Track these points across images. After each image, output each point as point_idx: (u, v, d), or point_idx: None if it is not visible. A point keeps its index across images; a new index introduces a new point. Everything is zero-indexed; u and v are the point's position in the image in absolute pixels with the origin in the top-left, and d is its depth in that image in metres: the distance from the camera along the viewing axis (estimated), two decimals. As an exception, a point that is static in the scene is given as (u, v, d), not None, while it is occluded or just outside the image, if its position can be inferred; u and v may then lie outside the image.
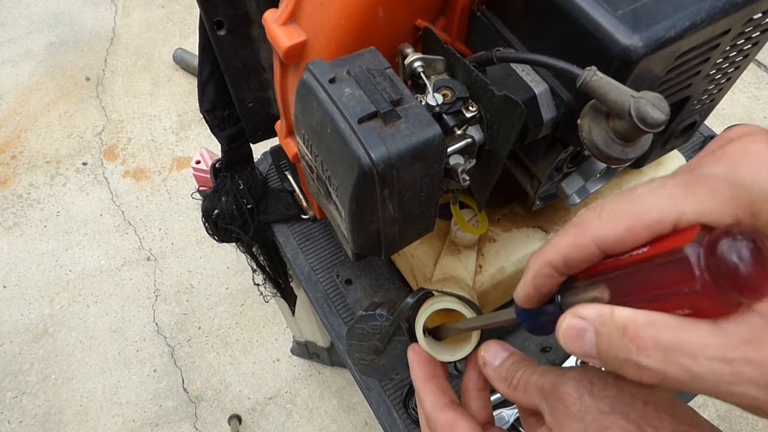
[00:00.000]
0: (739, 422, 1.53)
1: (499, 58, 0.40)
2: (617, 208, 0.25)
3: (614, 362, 0.23)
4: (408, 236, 0.45)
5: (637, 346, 0.22)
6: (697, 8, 0.35)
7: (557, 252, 0.27)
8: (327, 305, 0.73)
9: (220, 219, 0.76)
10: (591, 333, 0.24)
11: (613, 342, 0.23)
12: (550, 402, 0.30)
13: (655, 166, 0.64)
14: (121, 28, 2.42)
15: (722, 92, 0.50)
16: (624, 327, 0.22)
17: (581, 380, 0.29)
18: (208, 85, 0.63)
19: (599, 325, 0.24)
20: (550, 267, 0.27)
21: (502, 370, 0.36)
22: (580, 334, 0.24)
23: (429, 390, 0.39)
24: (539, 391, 0.32)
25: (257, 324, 1.69)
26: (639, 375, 0.22)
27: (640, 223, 0.24)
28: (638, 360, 0.22)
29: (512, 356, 0.37)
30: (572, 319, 0.25)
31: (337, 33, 0.41)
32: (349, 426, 1.54)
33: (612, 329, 0.23)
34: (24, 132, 2.10)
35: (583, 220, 0.26)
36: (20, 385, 1.60)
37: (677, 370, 0.21)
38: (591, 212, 0.26)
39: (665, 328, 0.22)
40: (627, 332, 0.22)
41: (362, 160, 0.34)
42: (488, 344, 0.39)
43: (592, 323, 0.24)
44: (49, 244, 1.83)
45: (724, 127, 0.83)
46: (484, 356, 0.38)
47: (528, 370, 0.34)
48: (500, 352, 0.38)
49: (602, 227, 0.25)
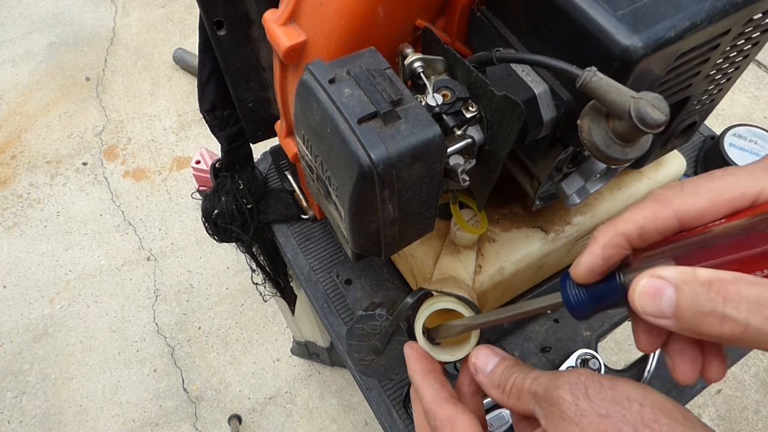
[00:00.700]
0: (739, 422, 1.53)
1: (499, 59, 0.40)
2: (699, 185, 0.28)
3: (695, 316, 0.24)
4: (408, 236, 0.45)
5: (723, 297, 0.23)
6: (697, 9, 0.35)
7: (633, 223, 0.28)
8: (327, 305, 0.73)
9: (220, 219, 0.76)
10: (670, 290, 0.25)
11: (697, 296, 0.24)
12: (545, 407, 0.31)
13: (655, 166, 0.64)
14: (121, 28, 2.42)
15: (722, 92, 0.50)
16: (709, 282, 0.24)
17: (576, 384, 0.29)
18: (208, 85, 0.63)
19: (681, 282, 0.24)
20: (622, 238, 0.29)
21: (495, 377, 0.36)
22: (658, 292, 0.25)
23: (428, 384, 0.38)
24: (533, 397, 0.32)
25: (257, 324, 1.69)
26: (721, 328, 0.23)
27: (722, 197, 0.27)
28: (724, 311, 0.23)
29: (503, 361, 0.37)
30: (650, 279, 0.26)
31: (337, 33, 0.41)
32: (349, 426, 1.54)
33: (696, 285, 0.24)
34: (24, 132, 2.10)
35: (664, 196, 0.29)
36: (20, 385, 1.60)
37: (761, 320, 0.22)
38: (671, 189, 0.29)
39: (748, 283, 0.23)
40: (713, 286, 0.24)
41: (362, 160, 0.34)
42: (479, 350, 0.39)
43: (673, 281, 0.25)
44: (49, 244, 1.84)
45: (724, 127, 0.83)
46: (476, 363, 0.38)
47: (520, 375, 0.34)
48: (491, 357, 0.38)
49: (685, 201, 0.27)
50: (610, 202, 0.62)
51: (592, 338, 0.71)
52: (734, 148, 0.81)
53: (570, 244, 0.62)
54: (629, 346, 1.63)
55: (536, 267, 0.62)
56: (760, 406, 1.55)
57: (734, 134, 0.83)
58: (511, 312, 0.38)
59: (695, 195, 0.27)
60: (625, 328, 1.63)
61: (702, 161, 0.87)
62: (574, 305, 0.32)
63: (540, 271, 0.65)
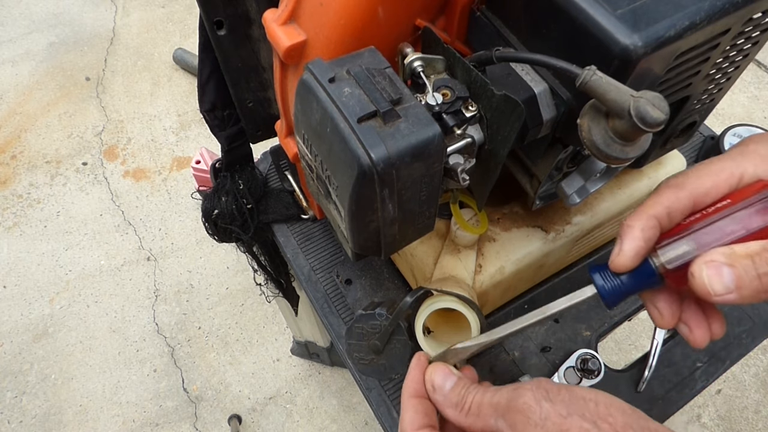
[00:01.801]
0: (739, 422, 1.53)
1: (499, 58, 0.40)
2: (700, 170, 0.34)
3: (752, 283, 0.29)
4: (408, 236, 0.45)
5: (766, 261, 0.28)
6: (697, 8, 0.35)
7: (661, 206, 0.33)
8: (327, 305, 0.73)
9: (220, 219, 0.76)
10: (727, 270, 0.29)
11: (748, 266, 0.29)
12: (509, 417, 0.32)
13: (655, 165, 0.64)
14: (121, 28, 2.42)
15: (722, 92, 0.50)
16: (750, 254, 0.29)
17: (537, 390, 0.32)
18: (208, 85, 0.63)
19: (732, 260, 0.29)
20: (655, 219, 0.33)
21: (453, 395, 0.37)
22: (718, 271, 0.29)
23: (412, 406, 0.39)
24: (494, 410, 0.34)
25: (257, 324, 1.69)
26: None
27: (719, 178, 0.33)
28: None
29: (462, 380, 0.37)
30: (707, 263, 0.29)
31: (337, 33, 0.41)
32: (349, 426, 1.54)
33: (743, 259, 0.29)
34: (24, 132, 2.10)
35: (677, 181, 0.34)
36: (20, 385, 1.60)
37: None
38: (680, 176, 0.34)
39: None
40: (758, 256, 0.29)
41: (362, 159, 0.34)
42: (436, 367, 0.39)
43: (726, 261, 0.29)
44: (49, 244, 1.84)
45: (724, 127, 0.83)
46: (434, 380, 0.38)
47: (479, 391, 0.36)
48: (449, 376, 0.38)
49: (695, 182, 0.33)
50: (610, 202, 0.62)
51: (592, 338, 0.71)
52: (734, 148, 0.81)
53: (570, 244, 0.62)
54: (629, 346, 1.63)
55: (536, 266, 0.62)
56: (760, 406, 1.55)
57: (734, 134, 0.83)
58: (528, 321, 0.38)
59: (700, 178, 0.33)
60: (625, 328, 1.64)
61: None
62: (610, 295, 0.35)
63: (540, 271, 0.65)
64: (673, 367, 0.67)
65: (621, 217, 0.65)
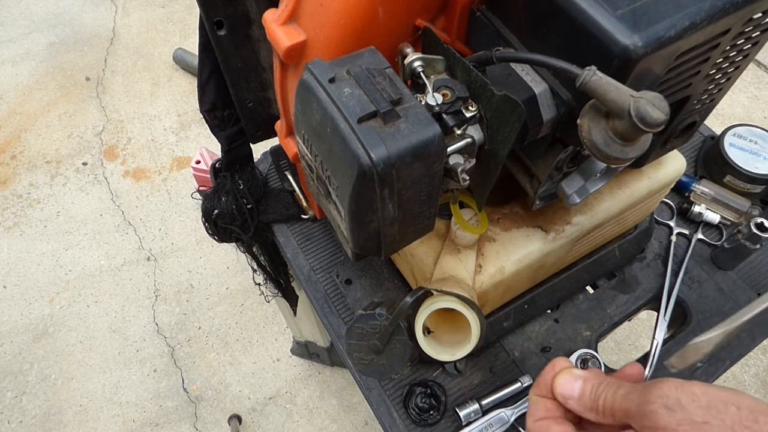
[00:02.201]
0: (739, 422, 1.53)
1: (499, 58, 0.40)
2: None
3: None
4: (408, 236, 0.45)
5: None
6: (697, 8, 0.35)
7: None
8: (327, 305, 0.73)
9: (220, 219, 0.76)
10: None
11: None
12: (639, 422, 0.31)
13: (655, 165, 0.64)
14: (121, 28, 2.42)
15: (722, 92, 0.50)
16: None
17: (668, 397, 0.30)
18: (208, 85, 0.63)
19: None
20: None
21: (585, 401, 0.36)
22: None
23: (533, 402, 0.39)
24: (625, 415, 0.33)
25: (257, 324, 1.69)
26: None
27: None
28: None
29: (587, 383, 0.37)
30: None
31: (337, 33, 0.41)
32: (349, 426, 1.54)
33: None
34: (24, 132, 2.10)
35: None
36: (20, 385, 1.60)
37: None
38: None
39: None
40: None
41: (362, 159, 0.34)
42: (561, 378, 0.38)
43: None
44: (49, 244, 1.84)
45: (724, 127, 0.83)
46: (562, 393, 0.37)
47: (608, 393, 0.34)
48: (574, 381, 0.37)
49: None
50: (610, 202, 0.62)
51: (592, 338, 0.71)
52: (734, 148, 0.81)
53: (570, 244, 0.62)
54: (629, 346, 1.63)
55: (536, 267, 0.62)
56: (760, 406, 1.55)
57: (734, 134, 0.83)
58: None
59: None
60: (625, 328, 1.63)
61: (702, 161, 0.87)
62: None
63: (540, 271, 0.65)
64: (673, 367, 0.67)
65: (621, 217, 0.65)
